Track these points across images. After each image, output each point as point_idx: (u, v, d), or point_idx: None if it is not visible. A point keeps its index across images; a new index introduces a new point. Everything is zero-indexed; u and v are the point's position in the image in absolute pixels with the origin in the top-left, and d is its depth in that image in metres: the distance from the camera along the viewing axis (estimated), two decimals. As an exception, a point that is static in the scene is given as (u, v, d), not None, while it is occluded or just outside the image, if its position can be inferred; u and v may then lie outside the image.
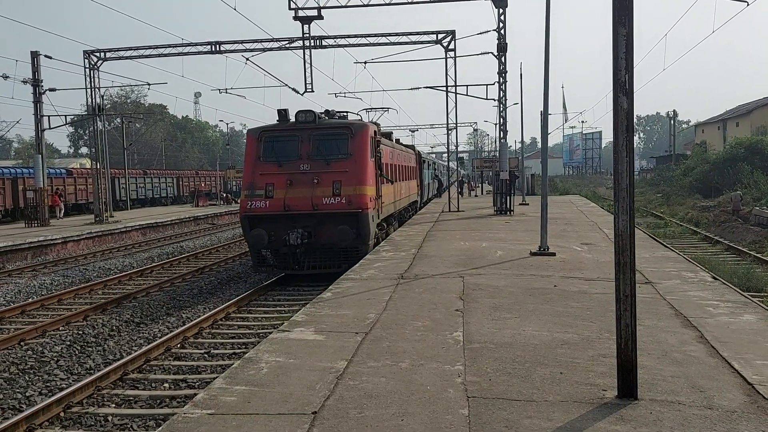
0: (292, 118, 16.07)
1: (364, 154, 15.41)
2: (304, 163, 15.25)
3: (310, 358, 6.56)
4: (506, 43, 26.20)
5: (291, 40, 28.87)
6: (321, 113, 16.56)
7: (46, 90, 30.94)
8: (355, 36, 28.71)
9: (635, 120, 5.70)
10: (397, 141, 26.76)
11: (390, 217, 19.76)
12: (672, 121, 74.92)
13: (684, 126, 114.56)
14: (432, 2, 25.50)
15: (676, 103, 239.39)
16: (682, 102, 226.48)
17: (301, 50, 28.66)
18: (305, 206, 14.93)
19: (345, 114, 18.53)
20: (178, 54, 29.25)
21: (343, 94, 38.57)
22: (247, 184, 15.50)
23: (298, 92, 28.36)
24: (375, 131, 16.64)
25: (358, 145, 15.39)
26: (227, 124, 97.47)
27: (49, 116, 31.28)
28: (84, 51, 30.11)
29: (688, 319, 7.81)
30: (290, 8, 26.39)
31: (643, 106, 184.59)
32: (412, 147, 30.89)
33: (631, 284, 5.24)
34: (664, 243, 16.24)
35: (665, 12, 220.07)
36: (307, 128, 15.55)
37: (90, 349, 10.74)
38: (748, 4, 18.39)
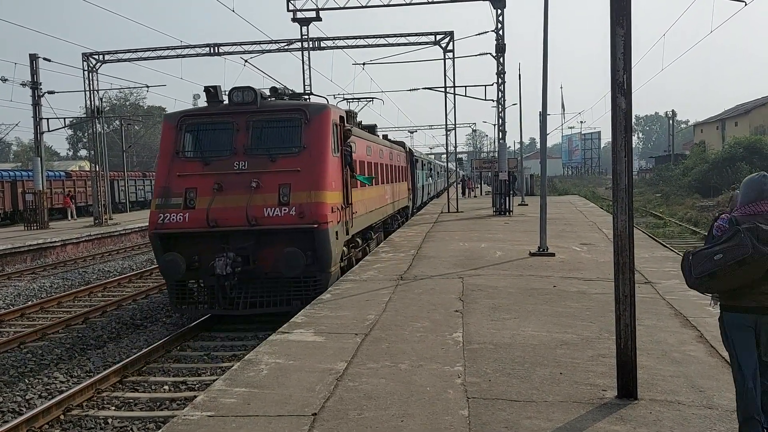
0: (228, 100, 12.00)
1: (324, 148, 11.35)
2: (240, 159, 11.22)
3: (310, 359, 6.56)
4: (505, 44, 26.22)
5: (290, 42, 28.90)
6: (266, 91, 12.37)
7: (45, 93, 30.95)
8: (354, 37, 28.74)
9: (634, 120, 5.71)
10: (385, 137, 24.30)
11: (368, 230, 16.13)
12: (671, 121, 75.01)
13: (683, 126, 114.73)
14: (430, 3, 25.53)
15: (674, 103, 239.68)
16: (680, 102, 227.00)
17: (300, 52, 28.71)
18: (238, 220, 10.80)
19: (305, 96, 14.58)
20: (177, 56, 29.26)
21: (342, 96, 38.59)
22: (160, 189, 11.36)
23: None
24: (341, 117, 12.62)
25: (316, 134, 11.32)
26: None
27: (48, 119, 31.27)
28: (83, 53, 30.10)
29: (687, 319, 7.82)
30: (288, 10, 26.43)
31: (641, 106, 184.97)
32: (401, 144, 26.78)
33: (631, 284, 5.25)
34: (664, 243, 16.25)
35: (663, 12, 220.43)
36: (245, 112, 11.47)
37: (90, 352, 10.73)
38: (746, 4, 18.42)
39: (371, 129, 19.85)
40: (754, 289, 3.92)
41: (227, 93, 11.77)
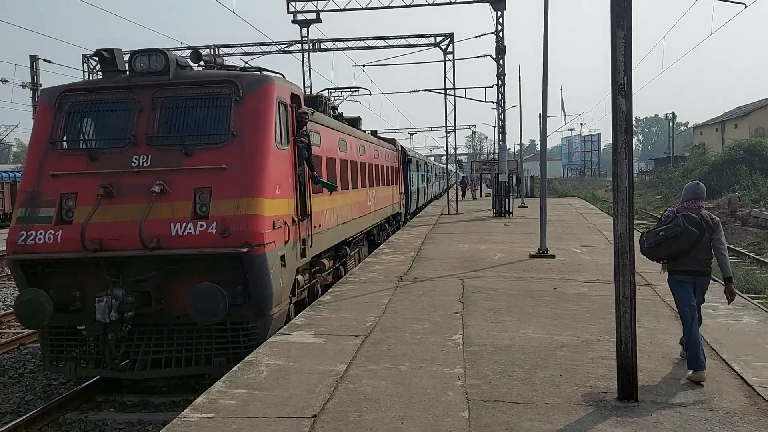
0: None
1: (263, 136, 8.18)
2: (141, 153, 8.03)
3: (310, 361, 6.55)
4: (505, 46, 26.23)
5: (290, 44, 28.94)
6: (182, 59, 8.97)
7: (45, 94, 30.90)
8: (354, 39, 28.78)
9: (634, 122, 5.71)
10: (374, 133, 21.32)
11: (343, 246, 13.10)
12: (670, 123, 75.07)
13: (683, 128, 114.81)
14: (430, 5, 25.56)
15: (674, 105, 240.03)
16: (680, 104, 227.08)
17: (300, 53, 28.73)
18: (132, 241, 7.59)
19: (240, 68, 10.29)
20: (177, 57, 29.25)
21: (343, 97, 38.58)
22: (25, 195, 8.18)
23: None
24: (294, 95, 9.43)
25: (252, 118, 8.20)
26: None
27: (47, 120, 31.19)
28: (83, 55, 30.15)
29: (687, 321, 7.79)
30: (289, 11, 26.47)
31: (641, 108, 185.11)
32: (392, 141, 23.34)
33: (631, 286, 5.25)
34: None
35: (663, 14, 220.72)
36: (152, 85, 8.37)
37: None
38: (746, 6, 18.44)
39: (353, 122, 16.84)
40: (690, 259, 5.95)
41: (129, 57, 8.52)
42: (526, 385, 5.67)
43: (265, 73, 9.26)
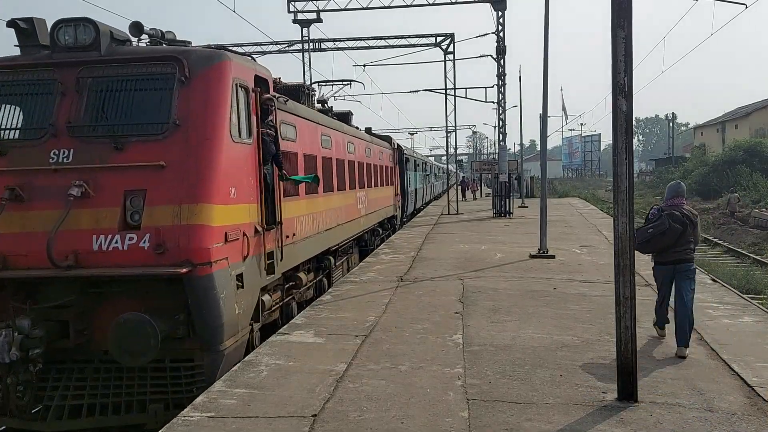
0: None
1: (214, 126, 6.71)
2: (60, 146, 6.61)
3: (310, 360, 6.56)
4: (505, 46, 26.26)
5: (290, 43, 28.97)
6: (119, 32, 7.26)
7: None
8: (354, 39, 28.79)
9: (634, 122, 5.71)
10: (369, 131, 19.73)
11: (326, 257, 11.46)
12: (671, 124, 75.07)
13: (683, 128, 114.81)
14: (430, 5, 25.57)
15: (675, 105, 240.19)
16: (681, 104, 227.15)
17: (301, 53, 28.74)
18: (41, 258, 6.10)
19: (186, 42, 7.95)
20: (178, 57, 29.27)
21: (342, 97, 38.63)
22: None
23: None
24: (259, 77, 7.99)
25: (201, 103, 6.73)
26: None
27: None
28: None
29: (687, 322, 7.80)
30: (289, 11, 26.50)
31: (641, 108, 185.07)
32: (387, 138, 21.71)
33: (631, 286, 5.25)
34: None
35: (664, 14, 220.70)
36: (78, 63, 6.90)
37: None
38: (746, 7, 18.43)
39: (343, 117, 15.35)
40: (672, 251, 6.79)
41: (51, 29, 6.93)
42: (526, 385, 5.68)
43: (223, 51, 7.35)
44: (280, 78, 10.30)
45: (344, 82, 17.43)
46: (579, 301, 9.14)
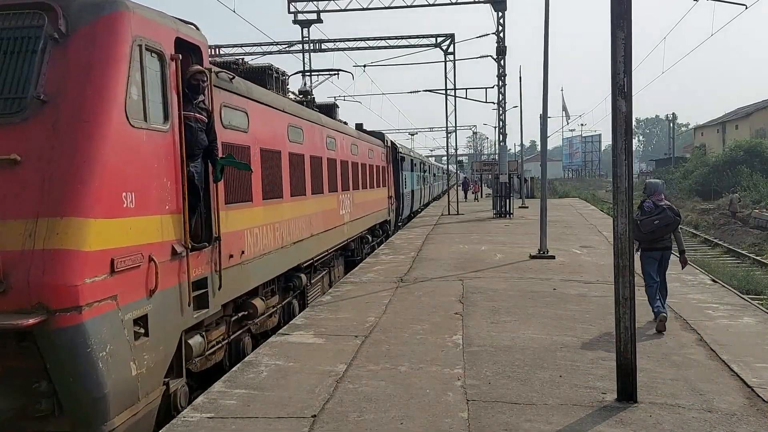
0: None
1: (100, 102, 4.68)
2: None
3: (310, 361, 6.56)
4: (505, 47, 26.26)
5: (290, 44, 28.98)
6: None
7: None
8: (355, 39, 28.80)
9: (634, 123, 5.73)
10: (360, 127, 17.85)
11: (295, 275, 9.54)
12: (671, 124, 75.07)
13: (683, 129, 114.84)
14: (431, 6, 25.57)
15: (675, 106, 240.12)
16: (681, 105, 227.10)
17: (301, 54, 28.75)
18: None
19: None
20: (178, 57, 29.29)
21: (343, 98, 38.63)
22: None
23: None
24: (180, 40, 5.84)
25: (79, 70, 4.69)
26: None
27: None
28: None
29: (687, 322, 7.82)
30: (290, 12, 26.50)
31: (642, 108, 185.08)
32: (379, 135, 19.74)
33: (631, 287, 5.26)
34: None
35: (664, 15, 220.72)
36: None
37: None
38: (746, 7, 18.44)
39: (326, 109, 13.48)
40: (662, 240, 7.82)
41: None
42: (525, 386, 5.68)
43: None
44: (243, 59, 8.47)
45: (331, 72, 15.69)
46: (579, 302, 9.14)
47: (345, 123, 15.19)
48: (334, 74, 15.83)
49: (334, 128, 12.59)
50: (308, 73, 16.15)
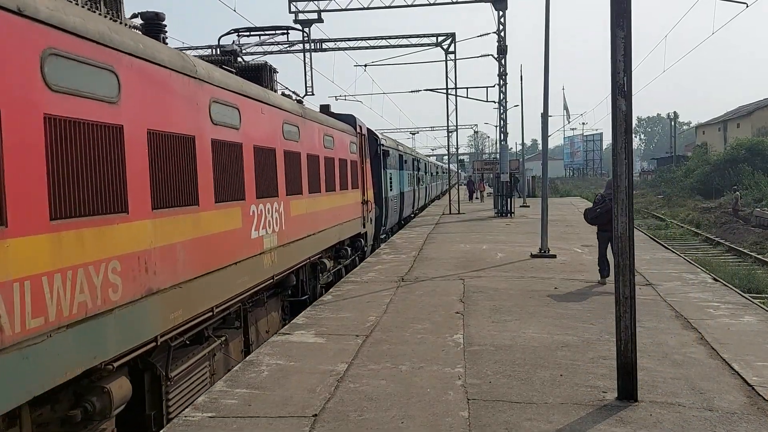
0: None
1: None
2: None
3: (311, 360, 6.57)
4: (506, 45, 26.25)
5: (291, 44, 28.95)
6: None
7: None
8: (355, 39, 28.80)
9: (635, 122, 5.76)
10: (327, 111, 14.06)
11: (148, 363, 5.56)
12: (672, 123, 74.99)
13: (685, 127, 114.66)
14: (431, 5, 25.57)
15: (676, 104, 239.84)
16: (682, 103, 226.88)
17: (302, 53, 28.75)
18: None
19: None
20: (179, 57, 29.27)
21: (344, 97, 38.67)
22: None
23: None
24: None
25: None
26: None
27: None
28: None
29: (688, 321, 7.81)
30: (290, 11, 26.52)
31: (643, 107, 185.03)
32: (348, 119, 14.63)
33: (631, 286, 5.26)
34: (665, 244, 16.24)
35: (664, 13, 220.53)
36: None
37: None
38: (747, 6, 18.43)
39: (252, 72, 9.63)
40: (607, 224, 9.21)
41: None
42: (526, 385, 5.68)
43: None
44: None
45: (275, 32, 12.12)
46: (580, 301, 9.14)
47: (287, 95, 10.67)
48: (282, 33, 12.25)
49: (239, 91, 7.55)
50: (245, 32, 11.63)
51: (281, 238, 8.77)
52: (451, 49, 27.49)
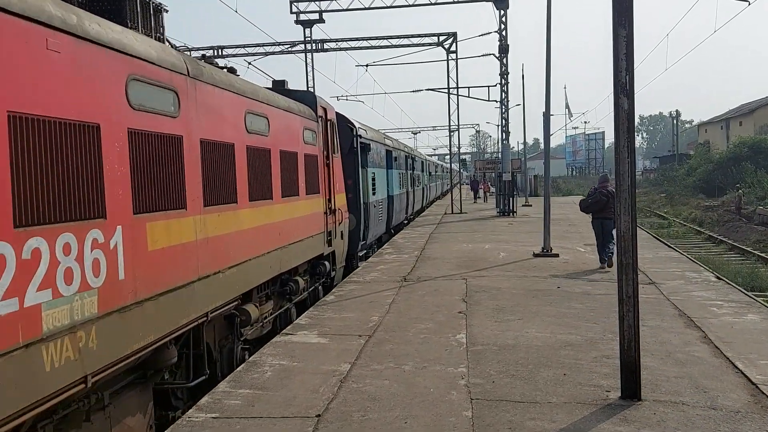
0: None
1: None
2: None
3: (314, 361, 6.57)
4: (508, 45, 26.24)
5: (293, 44, 28.99)
6: None
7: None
8: (357, 39, 28.80)
9: (637, 120, 5.74)
10: (282, 88, 10.34)
11: None
12: (675, 121, 74.84)
13: (687, 126, 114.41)
14: (433, 5, 25.56)
15: (679, 102, 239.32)
16: (685, 101, 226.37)
17: (303, 54, 28.77)
18: None
19: None
20: (181, 59, 29.32)
21: (345, 97, 38.67)
22: None
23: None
24: None
25: None
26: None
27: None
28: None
29: (691, 320, 7.80)
30: (292, 12, 26.52)
31: (645, 106, 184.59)
32: (307, 97, 10.84)
33: (634, 285, 5.25)
34: (668, 243, 16.22)
35: (666, 11, 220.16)
36: None
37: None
38: (749, 4, 18.38)
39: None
40: (602, 211, 11.75)
41: None
42: (529, 384, 5.68)
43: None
44: None
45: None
46: (582, 300, 9.13)
47: (167, 44, 6.53)
48: None
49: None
50: None
51: (111, 298, 4.60)
52: (453, 48, 27.49)
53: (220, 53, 28.81)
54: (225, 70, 7.81)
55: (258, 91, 8.28)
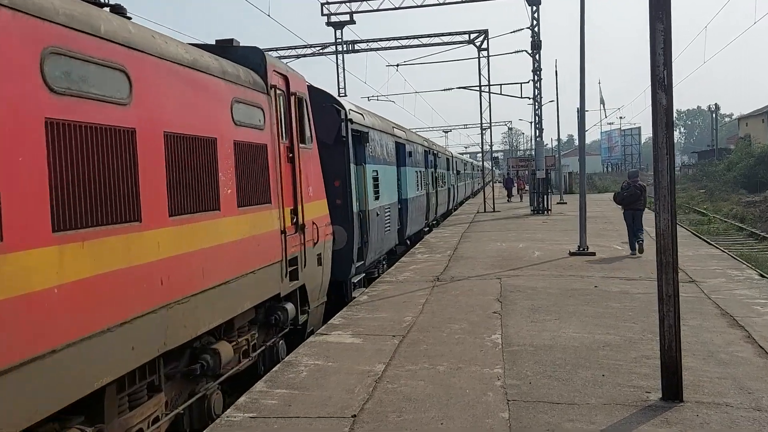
0: None
1: None
2: None
3: (349, 361, 6.60)
4: (540, 41, 25.96)
5: (324, 46, 29.16)
6: None
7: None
8: (387, 39, 28.82)
9: (675, 115, 5.60)
10: (224, 44, 6.99)
11: None
12: (714, 115, 73.04)
13: (726, 119, 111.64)
14: (464, 2, 25.43)
15: (717, 96, 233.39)
16: (724, 95, 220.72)
17: (334, 55, 28.91)
18: None
19: None
20: (214, 62, 29.76)
21: (376, 98, 38.75)
22: None
23: None
24: None
25: None
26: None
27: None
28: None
29: (734, 319, 7.60)
30: (323, 14, 26.68)
31: (683, 100, 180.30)
32: (253, 54, 6.98)
33: (674, 284, 5.14)
34: (708, 240, 15.83)
35: (704, 3, 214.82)
36: None
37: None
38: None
39: None
40: (634, 203, 13.31)
41: None
42: (567, 386, 5.60)
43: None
44: None
45: None
46: (621, 299, 8.97)
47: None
48: None
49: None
50: None
51: None
52: (484, 46, 27.30)
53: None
54: None
55: (181, 55, 5.27)
